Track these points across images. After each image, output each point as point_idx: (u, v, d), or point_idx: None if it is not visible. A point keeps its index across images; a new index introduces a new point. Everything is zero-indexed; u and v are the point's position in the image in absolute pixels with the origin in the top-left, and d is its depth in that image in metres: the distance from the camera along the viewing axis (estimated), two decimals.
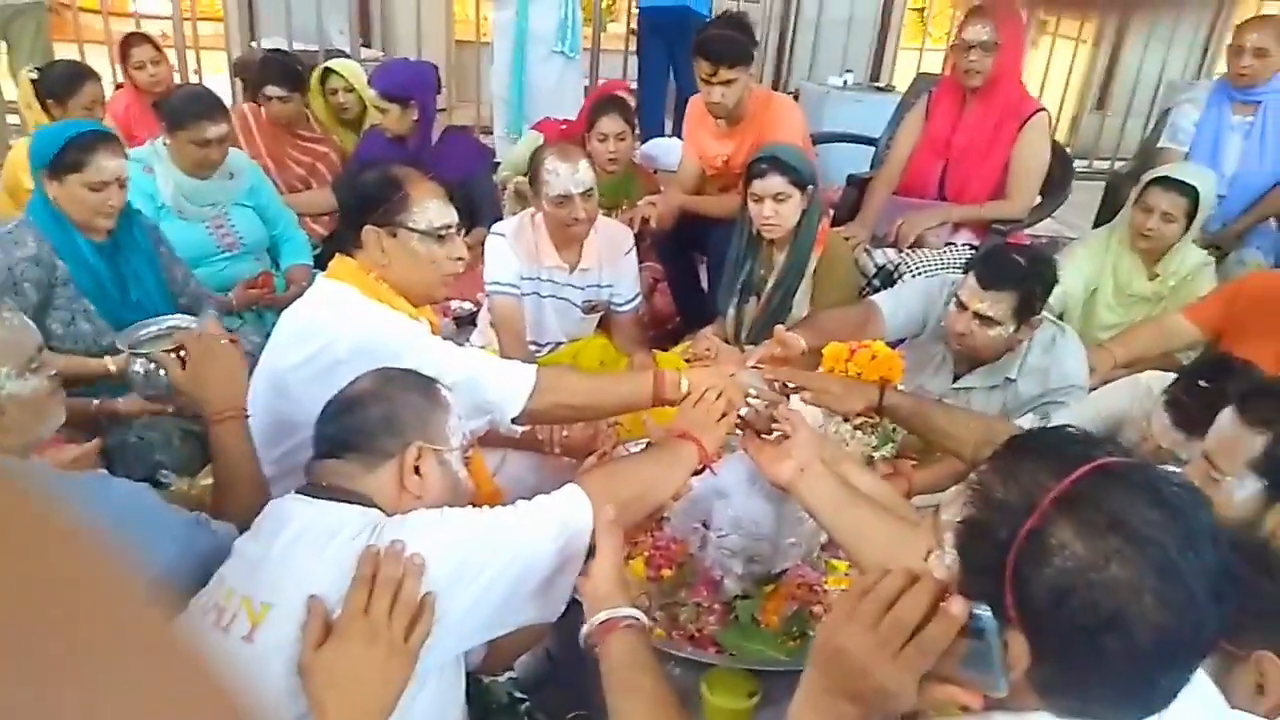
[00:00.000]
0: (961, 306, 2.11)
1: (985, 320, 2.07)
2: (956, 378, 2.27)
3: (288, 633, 1.10)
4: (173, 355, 1.61)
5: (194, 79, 4.94)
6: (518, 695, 1.59)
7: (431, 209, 1.71)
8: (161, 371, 1.69)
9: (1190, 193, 2.65)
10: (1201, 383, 1.70)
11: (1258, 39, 3.28)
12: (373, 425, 1.27)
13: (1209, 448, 1.39)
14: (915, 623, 0.80)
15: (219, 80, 5.02)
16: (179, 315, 1.92)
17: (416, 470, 1.27)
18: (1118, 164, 5.23)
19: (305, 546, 1.15)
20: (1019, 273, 2.05)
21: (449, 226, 1.74)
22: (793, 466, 1.46)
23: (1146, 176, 2.79)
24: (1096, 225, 3.77)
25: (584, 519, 1.29)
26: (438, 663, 1.18)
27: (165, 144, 2.73)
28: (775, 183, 2.47)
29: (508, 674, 1.62)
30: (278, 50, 4.08)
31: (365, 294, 1.67)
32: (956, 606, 0.77)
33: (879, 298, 2.41)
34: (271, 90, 3.45)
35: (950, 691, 0.80)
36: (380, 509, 1.22)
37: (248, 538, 1.21)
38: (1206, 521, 0.76)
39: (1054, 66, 6.12)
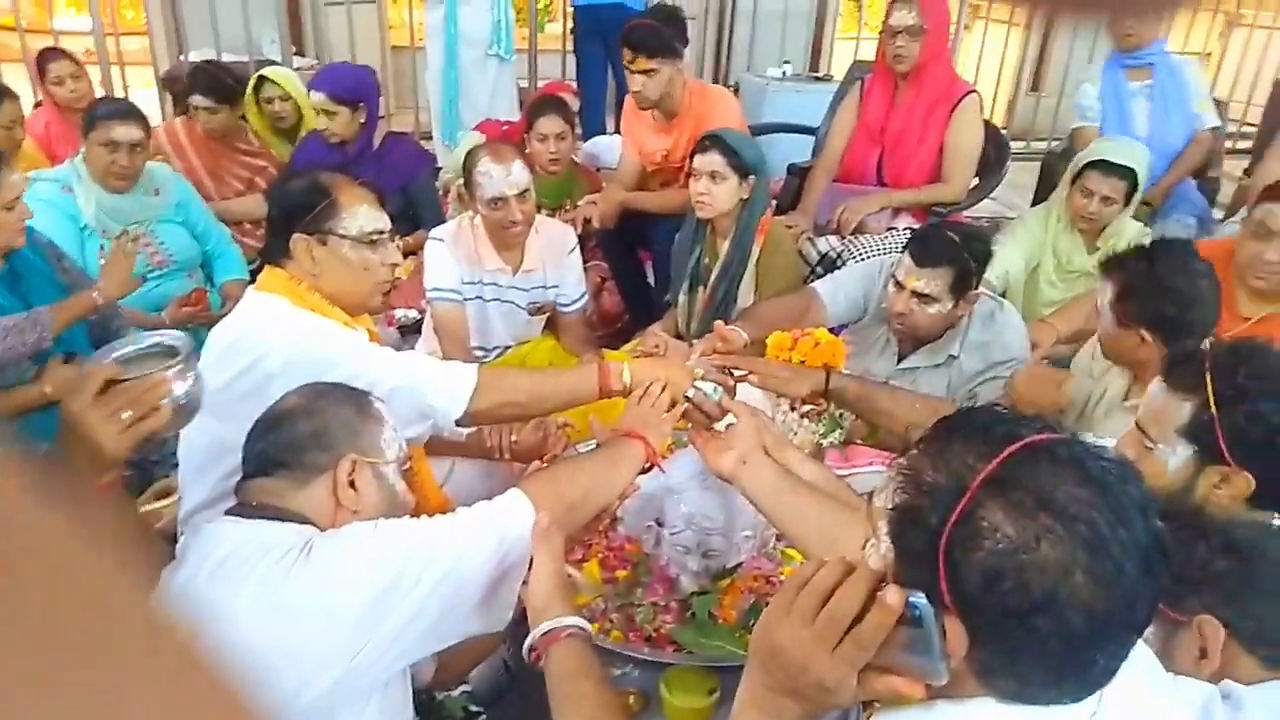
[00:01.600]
0: (899, 286, 2.13)
1: (923, 298, 2.09)
2: (901, 358, 2.29)
3: None
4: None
5: (120, 95, 4.80)
6: (473, 709, 1.56)
7: (361, 214, 1.67)
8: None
9: (1129, 175, 2.71)
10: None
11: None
12: (302, 440, 1.23)
13: (1140, 418, 1.40)
14: (851, 615, 0.78)
15: (148, 95, 4.89)
16: (163, 332, 1.67)
17: (351, 484, 1.23)
18: (1053, 144, 5.31)
19: (234, 567, 1.11)
20: (953, 249, 2.08)
21: (381, 232, 1.69)
22: (734, 457, 1.44)
23: (1080, 159, 2.82)
24: (1035, 204, 3.83)
25: (525, 524, 1.26)
26: (381, 678, 1.15)
27: (83, 160, 2.64)
28: (714, 159, 2.46)
29: (462, 688, 1.58)
30: (209, 62, 3.98)
31: (297, 305, 1.62)
32: (891, 596, 0.76)
33: (818, 284, 2.41)
34: (198, 100, 3.37)
35: (890, 682, 0.79)
36: (315, 525, 1.19)
37: (173, 567, 1.16)
38: (1137, 495, 0.75)
39: (988, 50, 6.21)
